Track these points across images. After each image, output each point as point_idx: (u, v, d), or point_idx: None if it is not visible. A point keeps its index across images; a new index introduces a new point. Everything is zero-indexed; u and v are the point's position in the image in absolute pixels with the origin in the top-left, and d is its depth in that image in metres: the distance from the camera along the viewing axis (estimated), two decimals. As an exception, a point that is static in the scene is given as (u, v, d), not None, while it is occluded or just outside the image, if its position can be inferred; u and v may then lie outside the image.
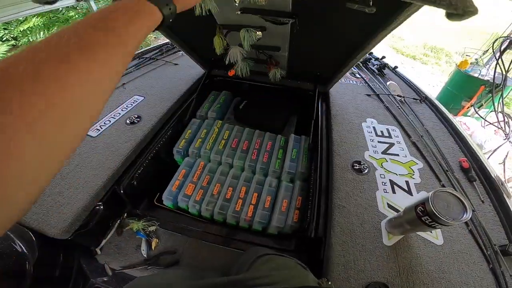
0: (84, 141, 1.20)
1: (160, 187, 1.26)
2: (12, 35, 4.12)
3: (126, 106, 1.42)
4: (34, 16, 4.22)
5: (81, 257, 1.00)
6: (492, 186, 1.02)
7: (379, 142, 1.23)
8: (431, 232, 0.87)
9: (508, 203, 0.95)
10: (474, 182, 1.04)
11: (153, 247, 1.02)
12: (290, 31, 1.09)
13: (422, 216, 0.67)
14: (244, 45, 1.09)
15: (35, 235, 0.87)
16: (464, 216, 0.63)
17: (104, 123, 1.29)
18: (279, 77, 1.43)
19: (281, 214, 1.12)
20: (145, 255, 1.00)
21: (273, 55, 1.34)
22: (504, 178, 2.94)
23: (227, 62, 1.28)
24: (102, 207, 1.00)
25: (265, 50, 1.30)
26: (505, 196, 0.97)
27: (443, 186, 1.02)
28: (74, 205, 0.93)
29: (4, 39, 4.03)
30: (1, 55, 3.68)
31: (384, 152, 1.18)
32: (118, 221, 1.09)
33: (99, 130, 1.26)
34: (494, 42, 3.21)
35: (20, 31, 4.07)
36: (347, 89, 1.66)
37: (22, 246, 0.84)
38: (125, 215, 1.11)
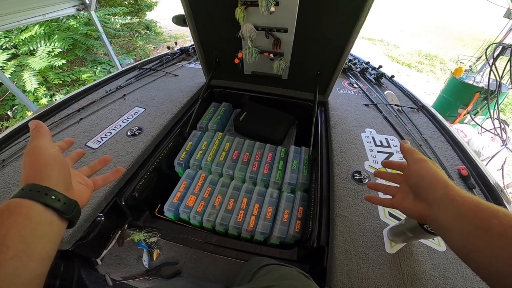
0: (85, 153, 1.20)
1: (161, 198, 1.26)
2: (12, 44, 4.14)
3: (127, 118, 1.43)
4: (36, 25, 4.26)
5: (82, 268, 0.99)
6: (492, 193, 1.04)
7: (378, 152, 1.25)
8: (433, 239, 0.87)
9: (509, 209, 0.95)
10: (473, 190, 1.05)
11: (154, 258, 1.02)
12: (298, 11, 1.22)
13: (424, 223, 0.68)
14: (262, 9, 1.20)
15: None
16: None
17: (105, 135, 1.30)
18: (283, 68, 1.50)
19: (283, 225, 1.13)
20: (146, 266, 0.99)
21: (279, 43, 1.41)
22: (503, 184, 2.95)
23: (238, 35, 1.38)
24: (103, 218, 1.00)
25: (274, 31, 1.35)
26: (505, 202, 0.99)
27: (442, 194, 1.03)
28: None
29: (4, 47, 4.05)
30: (1, 64, 3.70)
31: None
32: (119, 232, 1.09)
33: (100, 142, 1.26)
34: (487, 49, 3.27)
35: (21, 39, 4.10)
36: (345, 99, 1.69)
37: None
38: (126, 226, 1.11)
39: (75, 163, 0.56)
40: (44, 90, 4.18)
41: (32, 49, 4.19)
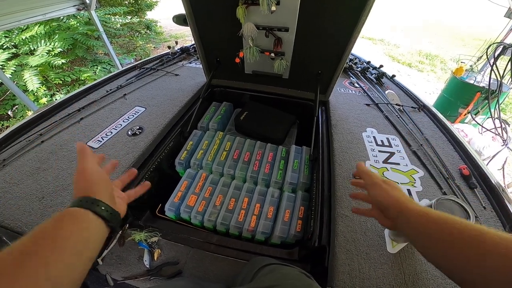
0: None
1: (162, 198, 1.26)
2: (13, 43, 4.14)
3: (128, 117, 1.43)
4: (36, 24, 4.25)
5: None
6: (493, 193, 1.03)
7: (379, 151, 1.25)
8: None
9: (510, 209, 0.95)
10: (475, 189, 1.05)
11: (155, 258, 1.01)
12: (299, 10, 1.22)
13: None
14: (263, 7, 1.20)
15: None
16: (468, 223, 0.63)
17: (106, 135, 1.30)
18: (284, 67, 1.50)
19: (284, 224, 1.12)
20: (147, 266, 0.99)
21: (280, 42, 1.41)
22: (504, 184, 2.95)
23: (240, 34, 1.38)
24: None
25: (275, 30, 1.35)
26: (506, 202, 0.98)
27: (444, 193, 1.03)
28: None
29: (5, 47, 4.05)
30: (1, 63, 3.70)
31: (385, 162, 1.19)
32: (120, 232, 1.08)
33: (101, 141, 1.26)
34: (488, 48, 3.27)
35: (21, 39, 4.10)
36: (346, 98, 1.69)
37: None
38: (127, 226, 1.11)
39: (125, 184, 0.68)
40: (45, 90, 4.17)
41: (32, 48, 4.19)
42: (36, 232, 0.37)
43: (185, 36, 8.38)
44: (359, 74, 2.02)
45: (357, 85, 1.87)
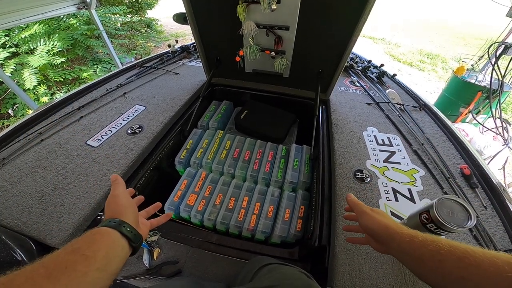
0: (85, 151, 1.20)
1: (162, 197, 1.25)
2: (13, 42, 4.14)
3: (128, 116, 1.42)
4: (36, 23, 4.25)
5: None
6: (494, 192, 1.03)
7: (380, 150, 1.24)
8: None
9: (511, 209, 0.95)
10: (476, 189, 1.04)
11: (155, 257, 1.01)
12: (299, 8, 1.22)
13: (427, 223, 0.67)
14: (264, 6, 1.21)
15: (36, 244, 0.87)
16: (469, 223, 0.63)
17: (106, 133, 1.30)
18: (284, 66, 1.50)
19: (284, 224, 1.12)
20: (147, 265, 0.98)
21: (281, 41, 1.41)
22: (505, 183, 2.94)
23: (240, 33, 1.38)
24: (103, 217, 1.00)
25: (275, 29, 1.35)
26: (507, 202, 0.98)
27: (445, 193, 1.03)
28: (75, 215, 0.93)
29: (7, 46, 4.06)
30: (1, 62, 3.71)
31: (385, 161, 1.18)
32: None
33: (100, 140, 1.26)
34: (489, 48, 3.25)
35: (21, 38, 4.09)
36: (347, 97, 1.68)
37: (22, 255, 0.83)
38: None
39: (150, 215, 0.75)
40: (45, 89, 4.18)
41: (32, 47, 4.18)
42: (68, 246, 0.41)
43: (185, 35, 8.37)
44: (360, 73, 2.02)
45: (357, 84, 1.86)
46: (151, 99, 1.58)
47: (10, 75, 3.68)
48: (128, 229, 0.51)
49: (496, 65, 3.07)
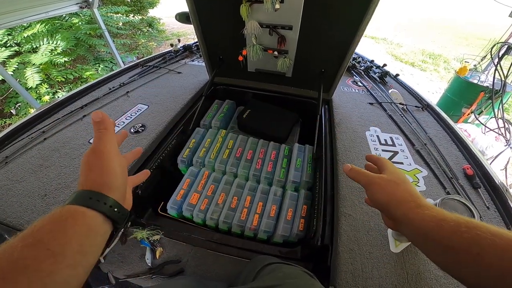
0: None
1: (165, 196, 1.25)
2: (15, 41, 4.15)
3: (130, 115, 1.43)
4: (39, 22, 4.26)
5: None
6: (496, 193, 1.03)
7: (383, 150, 1.24)
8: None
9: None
10: (479, 189, 1.04)
11: (157, 256, 1.01)
12: (303, 8, 1.22)
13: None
14: (267, 6, 1.20)
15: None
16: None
17: (109, 132, 1.30)
18: (287, 65, 1.50)
19: (287, 223, 1.12)
20: (149, 264, 0.99)
21: (284, 40, 1.41)
22: (507, 184, 2.94)
23: (243, 32, 1.38)
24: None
25: (278, 28, 1.35)
26: (509, 202, 0.98)
27: (448, 193, 1.02)
28: None
29: (8, 45, 4.07)
30: (3, 60, 3.73)
31: (388, 160, 1.18)
32: (122, 230, 1.08)
33: (104, 139, 1.26)
34: (492, 48, 3.25)
35: (23, 37, 4.11)
36: (349, 97, 1.68)
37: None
38: (129, 224, 1.11)
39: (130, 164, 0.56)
40: (47, 88, 4.19)
41: (34, 46, 4.20)
42: (28, 235, 0.31)
43: (188, 34, 8.38)
44: (363, 73, 2.01)
45: (360, 84, 1.86)
46: (154, 98, 1.58)
47: (12, 73, 3.69)
48: (116, 209, 0.38)
49: (498, 65, 3.07)
